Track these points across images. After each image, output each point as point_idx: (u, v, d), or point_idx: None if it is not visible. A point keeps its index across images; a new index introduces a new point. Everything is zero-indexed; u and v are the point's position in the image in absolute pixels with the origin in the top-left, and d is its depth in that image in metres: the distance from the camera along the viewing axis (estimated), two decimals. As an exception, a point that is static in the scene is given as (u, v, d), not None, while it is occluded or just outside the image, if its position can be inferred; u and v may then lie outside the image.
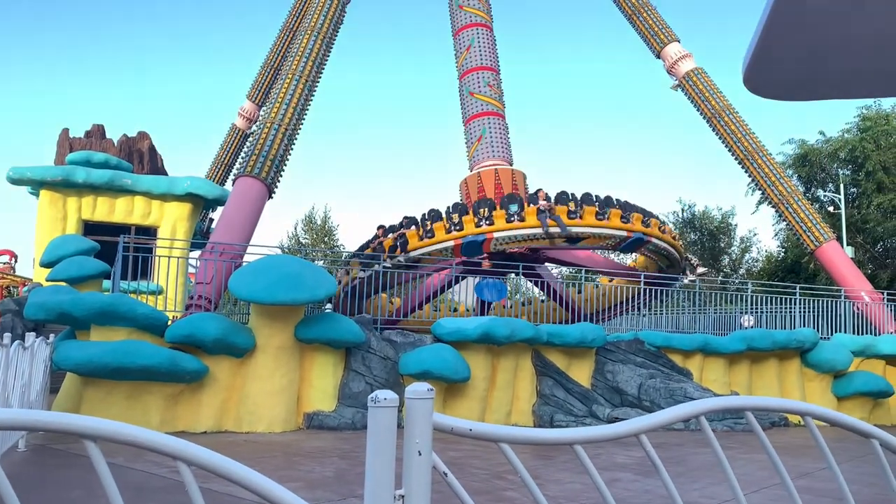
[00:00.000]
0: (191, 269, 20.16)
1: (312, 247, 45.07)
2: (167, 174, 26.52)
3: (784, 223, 25.43)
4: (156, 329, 11.42)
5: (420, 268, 17.11)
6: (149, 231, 22.43)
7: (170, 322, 11.88)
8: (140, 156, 26.88)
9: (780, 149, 39.84)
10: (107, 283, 15.44)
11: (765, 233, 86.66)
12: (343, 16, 19.97)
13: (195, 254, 20.22)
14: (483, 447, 9.59)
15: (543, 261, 19.08)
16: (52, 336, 12.01)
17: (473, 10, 21.29)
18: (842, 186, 36.28)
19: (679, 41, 23.41)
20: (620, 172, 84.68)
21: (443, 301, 21.74)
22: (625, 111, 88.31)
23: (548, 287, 18.95)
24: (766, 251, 45.38)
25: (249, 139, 20.60)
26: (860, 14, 1.33)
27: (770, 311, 19.60)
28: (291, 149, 17.87)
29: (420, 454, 1.82)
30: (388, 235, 16.51)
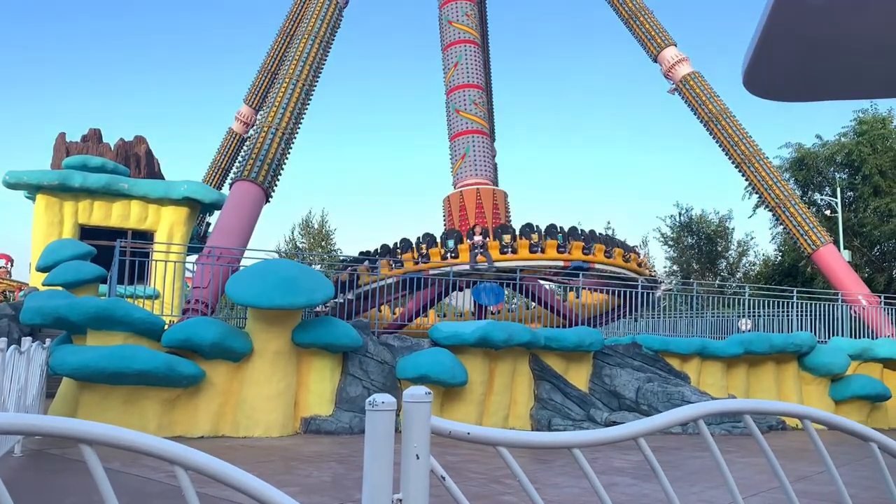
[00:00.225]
0: (188, 274, 20.12)
1: (309, 251, 45.04)
2: (164, 178, 26.50)
3: (781, 227, 25.48)
4: (152, 333, 11.39)
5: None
6: (145, 235, 22.38)
7: (166, 326, 11.85)
8: (137, 160, 26.85)
9: (777, 152, 39.93)
10: (103, 288, 15.42)
11: (762, 236, 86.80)
12: (340, 20, 20.00)
13: (192, 258, 20.20)
14: (481, 451, 9.58)
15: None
16: (49, 341, 11.98)
17: (462, 27, 21.42)
18: (838, 190, 36.35)
19: (676, 45, 23.46)
20: (619, 174, 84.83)
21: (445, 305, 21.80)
22: (622, 114, 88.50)
23: (539, 299, 19.17)
24: (764, 255, 45.47)
25: (246, 143, 20.59)
26: (860, 15, 1.33)
27: (767, 315, 19.61)
28: (288, 153, 17.87)
29: (418, 458, 1.81)
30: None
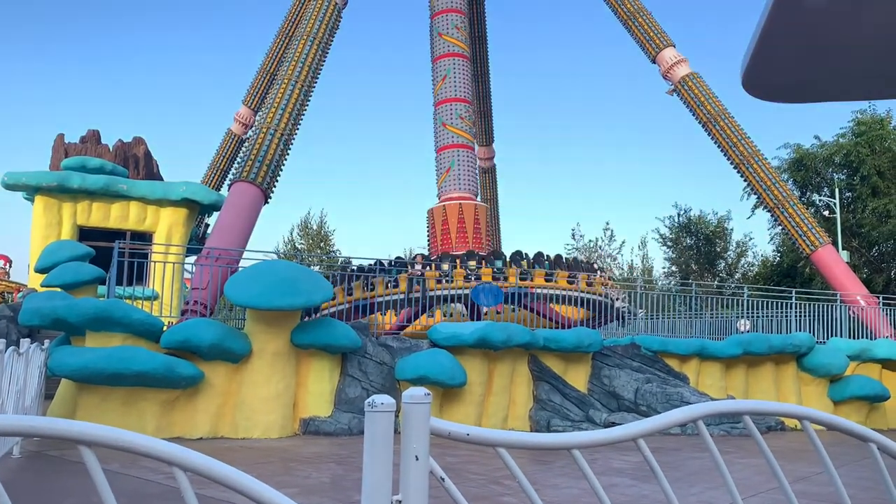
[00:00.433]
0: (186, 275, 20.11)
1: (308, 252, 45.03)
2: (163, 179, 26.47)
3: (780, 227, 25.47)
4: (151, 335, 11.38)
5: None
6: (144, 236, 22.37)
7: (165, 328, 11.85)
8: (135, 161, 26.83)
9: (776, 153, 39.91)
10: (102, 289, 15.40)
11: (760, 237, 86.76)
12: (339, 21, 19.99)
13: (191, 259, 20.19)
14: (480, 453, 9.58)
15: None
16: (47, 342, 11.98)
17: (452, 40, 21.55)
18: (837, 191, 36.37)
19: (674, 46, 23.46)
20: (618, 174, 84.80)
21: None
22: (621, 115, 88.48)
23: (528, 307, 19.50)
24: (762, 255, 45.46)
25: (245, 144, 20.56)
26: (860, 15, 1.33)
27: (766, 316, 19.63)
28: (287, 154, 17.86)
29: (417, 459, 1.81)
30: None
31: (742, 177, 22.91)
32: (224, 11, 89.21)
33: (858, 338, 19.23)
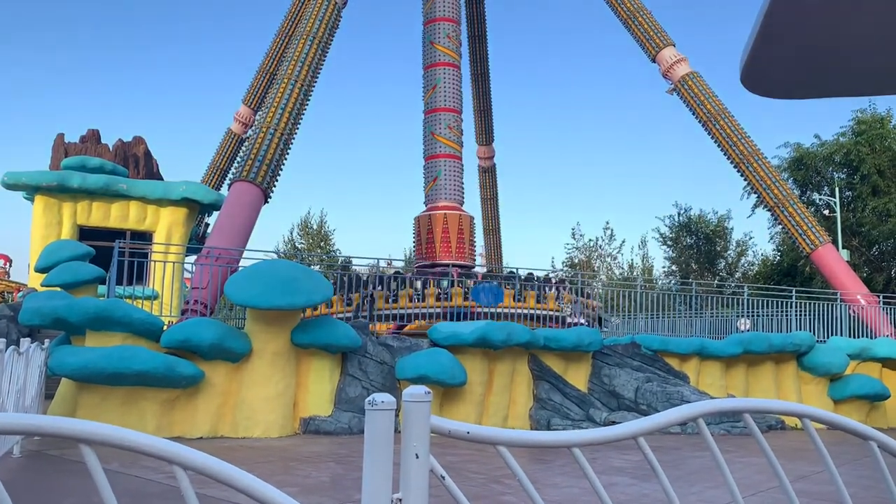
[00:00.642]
0: (186, 274, 20.12)
1: (308, 251, 45.02)
2: (163, 179, 26.47)
3: (780, 227, 25.50)
4: (151, 334, 11.38)
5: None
6: (144, 236, 22.36)
7: (165, 327, 11.85)
8: (135, 160, 26.83)
9: (776, 152, 39.85)
10: (102, 289, 15.41)
11: (760, 236, 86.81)
12: (339, 20, 19.98)
13: (191, 258, 20.19)
14: (480, 451, 9.58)
15: None
16: (48, 341, 11.97)
17: (444, 49, 21.66)
18: (837, 190, 36.37)
19: (674, 45, 23.46)
20: (618, 174, 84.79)
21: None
22: (621, 114, 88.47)
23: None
24: (762, 255, 45.47)
25: (245, 144, 20.57)
26: (858, 10, 1.33)
27: (766, 315, 19.63)
28: (287, 153, 17.87)
29: (418, 457, 1.81)
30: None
31: (742, 176, 22.91)
32: (224, 11, 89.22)
33: (859, 337, 19.24)
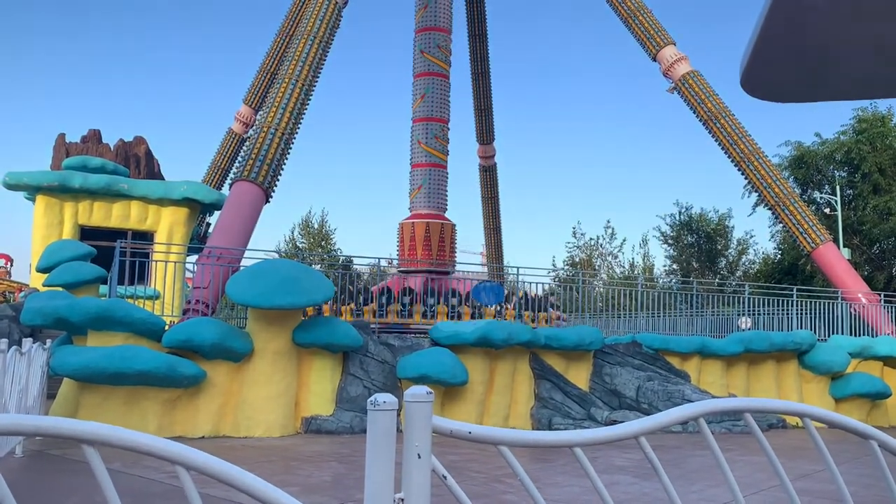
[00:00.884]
0: (188, 274, 20.13)
1: (309, 251, 45.02)
2: (164, 179, 26.48)
3: (780, 225, 25.47)
4: (153, 334, 11.39)
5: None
6: (145, 236, 22.37)
7: (167, 327, 11.86)
8: (137, 160, 26.83)
9: (777, 151, 39.88)
10: (104, 289, 15.42)
11: (761, 235, 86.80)
12: (339, 20, 19.97)
13: (192, 258, 20.19)
14: (482, 451, 9.59)
15: None
16: (49, 341, 11.99)
17: (433, 59, 21.74)
18: (838, 188, 36.33)
19: (675, 44, 23.43)
20: (619, 173, 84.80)
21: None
22: (621, 113, 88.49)
23: None
24: (763, 253, 45.43)
25: (246, 143, 20.57)
26: (858, 14, 1.33)
27: (767, 314, 19.62)
28: (288, 153, 17.86)
29: (419, 457, 1.82)
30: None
31: (743, 174, 22.88)
32: (225, 11, 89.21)
33: (860, 335, 19.22)
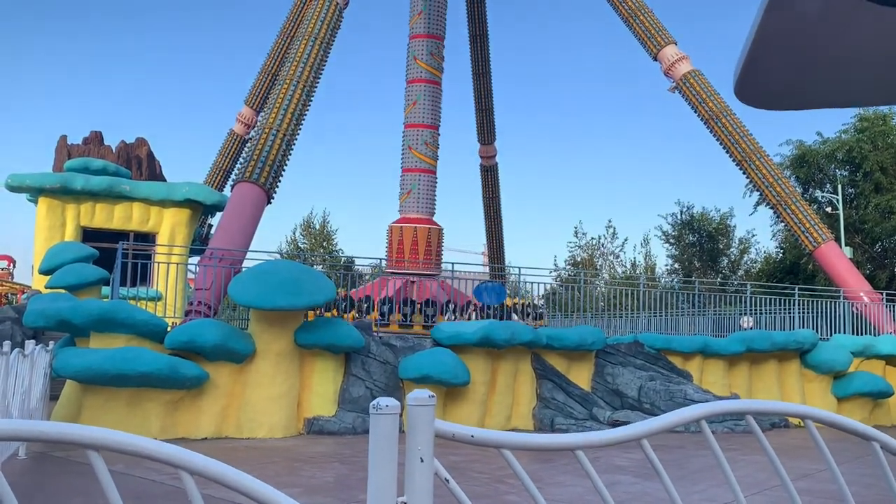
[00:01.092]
0: (190, 275, 20.16)
1: (311, 251, 45.04)
2: (165, 180, 26.52)
3: (782, 224, 25.46)
4: (155, 335, 11.40)
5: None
6: (147, 237, 22.43)
7: (169, 328, 11.87)
8: (138, 162, 26.87)
9: (778, 150, 39.83)
10: (106, 290, 15.44)
11: (763, 234, 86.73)
12: (340, 21, 19.99)
13: (194, 259, 20.23)
14: (484, 452, 9.56)
15: None
16: (52, 343, 12.01)
17: (425, 66, 21.87)
18: (839, 187, 36.29)
19: (676, 43, 23.42)
20: (620, 172, 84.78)
21: None
22: (623, 113, 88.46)
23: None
24: (765, 252, 45.41)
25: (248, 145, 20.59)
26: (850, 23, 1.34)
27: (769, 313, 19.61)
28: (290, 154, 17.88)
29: (422, 461, 1.82)
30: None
31: (744, 174, 22.85)
32: (225, 12, 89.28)
33: (862, 334, 19.20)
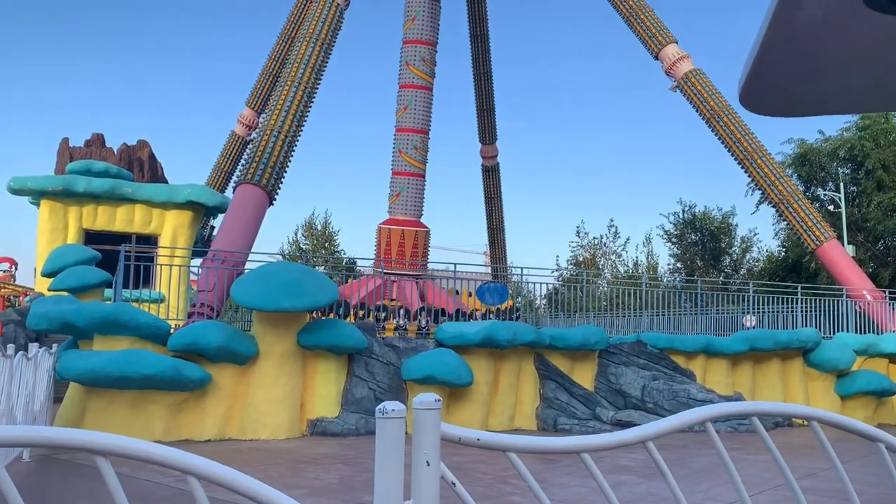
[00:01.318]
0: (192, 277, 20.17)
1: (313, 253, 45.05)
2: (167, 182, 26.54)
3: (784, 223, 25.39)
4: (158, 338, 11.42)
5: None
6: (150, 239, 22.44)
7: (172, 330, 11.88)
8: (140, 164, 26.90)
9: (780, 148, 39.85)
10: (109, 293, 15.46)
11: (765, 232, 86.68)
12: (341, 22, 20.00)
13: (196, 261, 20.24)
14: (488, 453, 9.58)
15: None
16: (55, 346, 12.02)
17: (417, 72, 21.97)
18: (842, 185, 36.23)
19: (677, 42, 23.40)
20: (622, 172, 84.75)
21: None
22: (624, 112, 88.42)
23: None
24: (767, 251, 45.32)
25: (249, 146, 20.63)
26: (855, 30, 1.34)
27: (772, 312, 19.59)
28: (291, 155, 17.90)
29: (428, 465, 1.83)
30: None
31: (746, 172, 22.83)
32: (227, 14, 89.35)
33: (865, 332, 19.18)
